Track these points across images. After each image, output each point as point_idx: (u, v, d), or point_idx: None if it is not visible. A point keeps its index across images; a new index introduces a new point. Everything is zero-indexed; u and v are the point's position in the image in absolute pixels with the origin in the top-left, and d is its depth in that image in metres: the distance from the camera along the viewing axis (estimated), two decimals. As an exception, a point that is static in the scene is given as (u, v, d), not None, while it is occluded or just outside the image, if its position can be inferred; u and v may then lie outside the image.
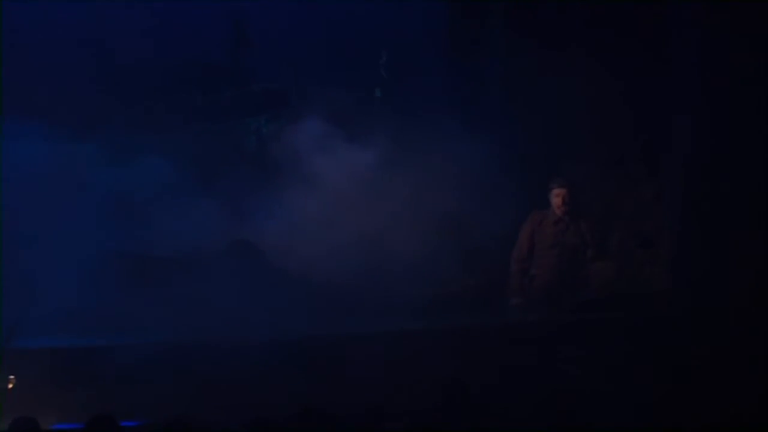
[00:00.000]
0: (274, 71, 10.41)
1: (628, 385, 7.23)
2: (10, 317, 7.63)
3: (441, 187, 9.23)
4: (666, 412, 6.66)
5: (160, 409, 6.71)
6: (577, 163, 9.59)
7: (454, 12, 10.33)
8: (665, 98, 9.32)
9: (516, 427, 6.32)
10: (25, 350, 7.45)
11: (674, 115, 9.28)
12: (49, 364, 7.42)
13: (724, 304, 8.38)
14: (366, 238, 9.04)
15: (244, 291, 8.26)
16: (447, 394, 6.61)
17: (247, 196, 9.42)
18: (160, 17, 9.99)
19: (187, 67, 10.35)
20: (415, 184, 9.29)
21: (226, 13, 10.32)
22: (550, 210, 9.11)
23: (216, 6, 10.21)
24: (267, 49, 10.34)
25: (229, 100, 10.42)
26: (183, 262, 8.78)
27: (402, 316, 8.54)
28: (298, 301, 8.40)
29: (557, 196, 9.05)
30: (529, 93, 9.58)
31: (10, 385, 7.12)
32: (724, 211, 8.79)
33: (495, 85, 10.17)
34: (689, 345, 7.91)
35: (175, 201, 9.17)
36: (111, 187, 9.16)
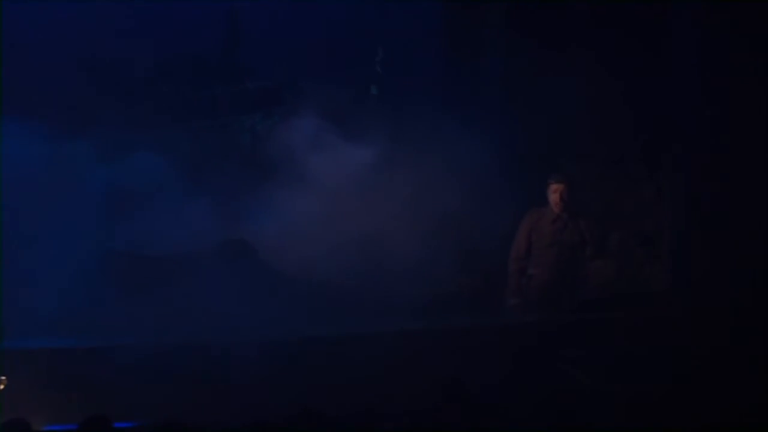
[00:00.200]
0: (268, 68, 10.39)
1: (628, 385, 7.18)
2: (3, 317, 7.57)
3: (439, 187, 9.16)
4: (666, 412, 6.63)
5: (154, 411, 6.64)
6: (577, 162, 9.56)
7: (452, 8, 10.30)
8: (665, 98, 9.31)
9: (515, 428, 6.30)
10: (16, 350, 7.34)
11: (674, 115, 9.27)
12: (41, 364, 7.34)
13: (724, 304, 8.32)
14: (362, 237, 8.99)
15: (238, 290, 8.20)
16: (446, 395, 6.57)
17: (241, 194, 9.38)
18: (154, 14, 9.94)
19: (180, 64, 10.33)
20: (412, 183, 9.23)
21: (221, 9, 10.29)
22: (548, 208, 9.00)
23: (210, 2, 10.16)
24: (262, 46, 10.32)
25: (223, 97, 10.41)
26: (176, 262, 8.72)
27: (399, 317, 8.48)
28: (294, 301, 8.34)
29: (555, 192, 8.94)
30: (529, 92, 9.58)
31: (1, 386, 7.04)
32: (724, 211, 8.79)
33: (494, 84, 10.15)
34: (689, 345, 7.84)
35: (169, 199, 9.11)
36: (103, 185, 9.11)
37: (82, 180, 9.04)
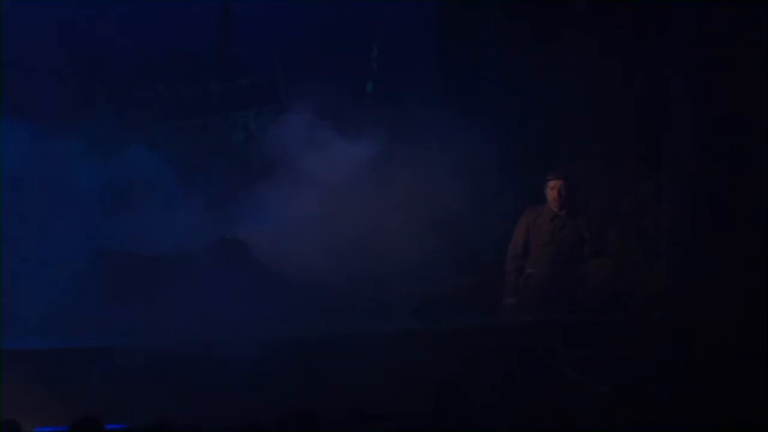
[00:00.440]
0: (262, 64, 10.34)
1: (627, 385, 7.16)
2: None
3: (435, 185, 9.11)
4: (665, 413, 6.57)
5: (147, 412, 6.53)
6: (576, 160, 9.49)
7: (449, 3, 10.25)
8: (666, 94, 9.26)
9: (513, 429, 6.26)
10: (6, 351, 7.27)
11: (675, 112, 9.22)
12: (32, 365, 7.28)
13: (723, 305, 8.32)
14: (357, 236, 8.94)
15: (232, 290, 8.14)
16: (441, 396, 6.46)
17: (235, 192, 9.34)
18: (146, 10, 9.90)
19: (173, 61, 10.28)
20: (408, 182, 9.18)
21: (214, 5, 10.22)
22: (545, 206, 8.91)
23: (203, -1, 10.14)
24: (255, 42, 10.28)
25: (216, 94, 10.36)
26: (169, 261, 8.68)
27: (395, 317, 8.43)
28: (288, 301, 8.28)
29: (553, 189, 8.84)
30: (527, 89, 9.54)
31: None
32: (724, 210, 8.75)
33: (491, 80, 10.08)
34: (689, 346, 7.83)
35: (161, 198, 9.09)
36: (95, 184, 9.06)
37: (72, 178, 9.00)
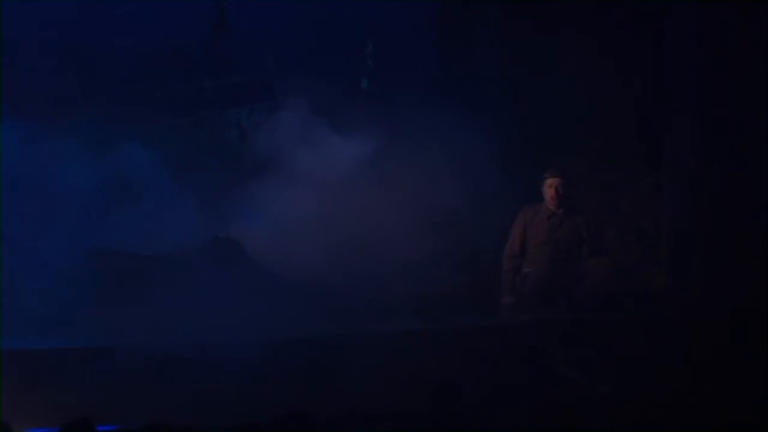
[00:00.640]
0: (255, 61, 10.27)
1: (626, 386, 7.20)
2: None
3: (431, 183, 9.08)
4: (665, 414, 6.62)
5: (140, 413, 6.58)
6: (576, 157, 9.47)
7: (448, 1, 10.22)
8: (666, 93, 9.28)
9: (511, 429, 6.28)
10: (3, 351, 7.22)
11: (675, 111, 9.24)
12: (24, 365, 7.23)
13: (723, 304, 8.31)
14: (354, 235, 8.90)
15: (226, 289, 8.09)
16: (439, 396, 6.47)
17: (228, 190, 9.30)
18: (139, 6, 9.85)
19: (166, 58, 10.20)
20: (405, 180, 9.13)
21: (207, 2, 10.15)
22: (543, 205, 8.86)
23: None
24: (249, 39, 10.21)
25: (209, 91, 10.30)
26: (164, 261, 8.62)
27: (394, 317, 8.40)
28: (284, 300, 8.23)
29: (550, 187, 8.79)
30: (525, 87, 9.52)
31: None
32: (724, 209, 8.76)
33: (489, 78, 10.03)
34: (688, 345, 7.81)
35: (154, 196, 9.04)
36: (88, 182, 9.00)
37: (65, 176, 8.95)
